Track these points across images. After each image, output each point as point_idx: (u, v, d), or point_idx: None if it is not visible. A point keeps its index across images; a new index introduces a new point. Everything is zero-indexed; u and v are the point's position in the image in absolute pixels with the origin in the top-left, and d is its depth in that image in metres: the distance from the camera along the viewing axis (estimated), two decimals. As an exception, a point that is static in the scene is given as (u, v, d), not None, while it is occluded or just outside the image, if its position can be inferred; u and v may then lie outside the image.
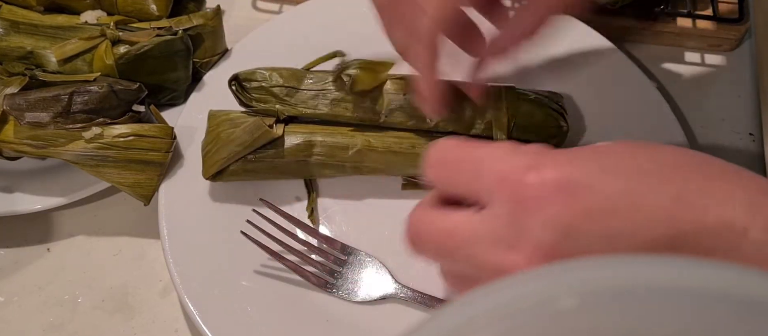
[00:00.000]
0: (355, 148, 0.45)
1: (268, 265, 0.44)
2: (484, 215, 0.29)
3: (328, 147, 0.45)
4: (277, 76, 0.46)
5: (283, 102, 0.46)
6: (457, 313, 0.18)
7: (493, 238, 0.29)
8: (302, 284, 0.43)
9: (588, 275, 0.18)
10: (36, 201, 0.47)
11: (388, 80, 0.46)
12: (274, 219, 0.44)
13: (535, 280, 0.18)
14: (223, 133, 0.45)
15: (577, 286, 0.18)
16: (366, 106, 0.46)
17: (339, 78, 0.45)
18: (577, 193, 0.27)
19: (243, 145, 0.44)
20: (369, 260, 0.44)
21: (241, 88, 0.46)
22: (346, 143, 0.45)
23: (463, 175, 0.31)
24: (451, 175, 0.31)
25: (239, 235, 0.43)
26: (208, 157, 0.45)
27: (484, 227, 0.29)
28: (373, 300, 0.43)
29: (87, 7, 0.51)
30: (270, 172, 0.46)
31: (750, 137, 0.52)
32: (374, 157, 0.45)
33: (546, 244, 0.27)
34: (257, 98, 0.46)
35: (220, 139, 0.45)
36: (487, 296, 0.18)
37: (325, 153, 0.45)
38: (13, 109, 0.44)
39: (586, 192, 0.27)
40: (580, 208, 0.27)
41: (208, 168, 0.45)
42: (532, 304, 0.18)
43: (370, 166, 0.46)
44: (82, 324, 0.45)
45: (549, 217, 0.27)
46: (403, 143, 0.46)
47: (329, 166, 0.46)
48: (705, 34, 0.55)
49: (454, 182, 0.31)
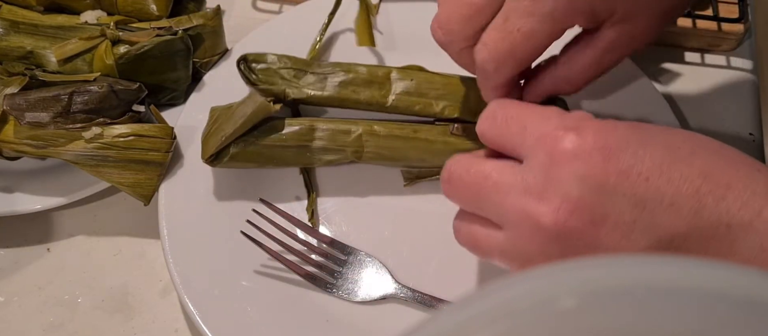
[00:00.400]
0: (357, 132, 0.45)
1: (268, 265, 0.44)
2: (521, 166, 0.31)
3: (330, 131, 0.45)
4: (287, 60, 0.47)
5: (290, 83, 0.46)
6: (457, 313, 0.18)
7: (524, 186, 0.31)
8: (302, 284, 0.43)
9: (588, 275, 0.18)
10: (36, 201, 0.47)
11: (394, 70, 0.46)
12: (274, 219, 0.44)
13: (535, 280, 0.18)
14: (222, 117, 0.45)
15: (577, 286, 0.18)
16: (373, 91, 0.46)
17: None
18: (613, 155, 0.29)
19: (242, 118, 0.44)
20: (369, 260, 0.44)
21: (248, 69, 0.46)
22: (347, 128, 0.45)
23: (509, 131, 0.33)
24: (499, 131, 0.33)
25: (239, 234, 0.43)
26: (207, 139, 0.45)
27: (517, 177, 0.31)
28: (373, 300, 0.43)
29: (87, 7, 0.51)
30: (271, 158, 0.45)
31: (750, 137, 0.52)
32: (376, 141, 0.45)
33: (574, 196, 0.29)
34: (263, 79, 0.46)
35: (218, 123, 0.45)
36: (488, 296, 0.18)
37: (327, 137, 0.45)
38: (13, 109, 0.44)
39: (623, 156, 0.29)
40: (613, 168, 0.29)
41: (207, 149, 0.45)
42: (532, 304, 0.18)
43: (372, 151, 0.46)
44: (82, 324, 0.45)
45: (582, 171, 0.29)
46: (406, 128, 0.45)
47: (330, 151, 0.46)
48: (705, 34, 0.55)
49: (501, 136, 0.33)
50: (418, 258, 0.45)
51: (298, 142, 0.45)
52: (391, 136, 0.45)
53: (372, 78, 0.46)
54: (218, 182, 0.47)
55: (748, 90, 0.55)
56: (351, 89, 0.46)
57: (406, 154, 0.46)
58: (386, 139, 0.45)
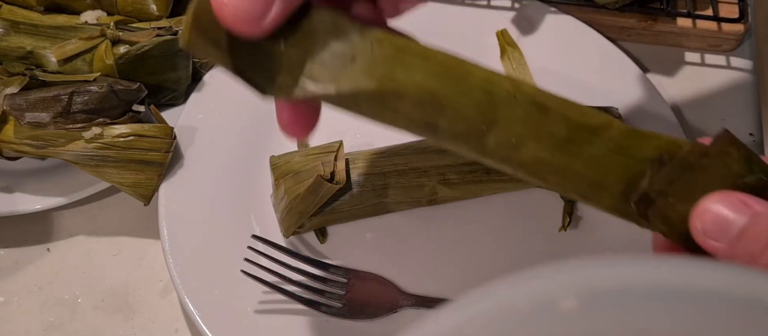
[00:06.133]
0: (430, 185, 0.45)
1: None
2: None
3: (402, 187, 0.45)
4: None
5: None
6: (457, 313, 0.18)
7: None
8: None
9: (588, 275, 0.18)
10: (36, 201, 0.47)
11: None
12: (272, 254, 0.43)
13: (535, 281, 0.18)
14: (289, 190, 0.43)
15: (577, 287, 0.18)
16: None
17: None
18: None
19: (311, 204, 0.43)
20: (371, 277, 0.43)
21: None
22: (419, 182, 0.45)
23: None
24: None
25: (239, 234, 0.43)
26: (284, 221, 0.44)
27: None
28: (385, 315, 0.42)
29: (87, 7, 0.51)
30: (349, 217, 0.45)
31: (750, 137, 0.52)
32: (450, 190, 0.45)
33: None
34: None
35: (287, 199, 0.44)
36: (487, 296, 0.18)
37: (400, 194, 0.45)
38: (13, 109, 0.44)
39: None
40: None
41: (287, 230, 0.44)
42: (532, 304, 0.18)
43: (447, 196, 0.45)
44: (82, 324, 0.45)
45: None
46: (479, 171, 0.45)
47: (404, 203, 0.45)
48: (705, 34, 0.55)
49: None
50: (421, 265, 0.45)
51: (371, 201, 0.45)
52: (464, 183, 0.45)
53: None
54: (218, 182, 0.47)
55: (748, 90, 0.55)
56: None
57: (481, 192, 0.46)
58: (460, 187, 0.45)
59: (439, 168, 0.45)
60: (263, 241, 0.43)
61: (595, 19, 0.55)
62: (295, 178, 0.44)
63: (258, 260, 0.42)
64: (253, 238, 0.43)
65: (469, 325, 0.18)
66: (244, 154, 0.48)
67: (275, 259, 0.42)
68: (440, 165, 0.45)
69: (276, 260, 0.42)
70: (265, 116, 0.50)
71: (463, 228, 0.46)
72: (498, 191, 0.46)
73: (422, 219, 0.46)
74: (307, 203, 0.43)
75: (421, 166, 0.45)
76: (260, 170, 0.48)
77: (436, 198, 0.45)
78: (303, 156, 0.45)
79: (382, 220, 0.46)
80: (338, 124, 0.49)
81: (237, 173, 0.48)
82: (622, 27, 0.56)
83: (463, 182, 0.45)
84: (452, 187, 0.45)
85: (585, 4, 0.54)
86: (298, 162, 0.44)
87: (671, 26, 0.55)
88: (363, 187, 0.45)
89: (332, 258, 0.45)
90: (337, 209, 0.45)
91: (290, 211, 0.43)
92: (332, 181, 0.42)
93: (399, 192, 0.45)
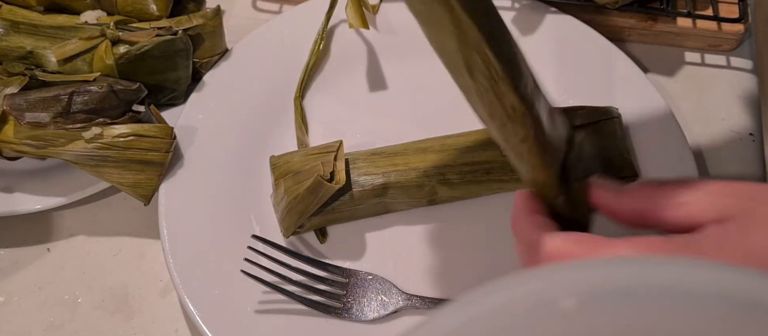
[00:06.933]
0: (430, 185, 0.45)
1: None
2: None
3: (402, 187, 0.45)
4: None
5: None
6: (457, 313, 0.18)
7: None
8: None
9: (588, 275, 0.18)
10: (36, 201, 0.47)
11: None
12: (272, 254, 0.43)
13: (535, 280, 0.18)
14: (289, 190, 0.43)
15: (577, 287, 0.18)
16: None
17: None
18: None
19: (311, 204, 0.43)
20: (371, 278, 0.43)
21: None
22: (420, 182, 0.45)
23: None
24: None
25: (239, 234, 0.43)
26: (284, 221, 0.44)
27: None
28: (385, 316, 0.42)
29: (87, 7, 0.51)
30: (348, 217, 0.45)
31: (750, 137, 0.52)
32: (450, 190, 0.45)
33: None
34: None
35: (287, 199, 0.43)
36: (487, 296, 0.18)
37: (399, 194, 0.45)
38: (13, 109, 0.44)
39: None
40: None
41: (286, 230, 0.44)
42: (532, 304, 0.18)
43: (447, 196, 0.46)
44: (82, 324, 0.45)
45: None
46: (479, 171, 0.45)
47: (404, 202, 0.46)
48: (705, 34, 0.55)
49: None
50: (421, 265, 0.45)
51: (371, 201, 0.45)
52: (464, 183, 0.45)
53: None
54: (218, 182, 0.47)
55: (748, 90, 0.55)
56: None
57: (480, 192, 0.46)
58: (460, 187, 0.45)
59: (439, 168, 0.45)
60: (263, 241, 0.43)
61: (595, 19, 0.55)
62: (294, 178, 0.44)
63: (258, 260, 0.42)
64: (253, 238, 0.43)
65: (469, 325, 0.18)
66: (244, 154, 0.49)
67: (275, 259, 0.43)
68: (440, 165, 0.45)
69: (276, 260, 0.43)
70: (266, 116, 0.50)
71: (463, 228, 0.46)
72: (498, 191, 0.46)
73: (422, 219, 0.46)
74: (306, 203, 0.43)
75: (421, 166, 0.45)
76: (260, 170, 0.48)
77: (436, 198, 0.45)
78: (303, 156, 0.45)
79: (382, 220, 0.46)
80: (338, 124, 0.50)
81: (237, 173, 0.48)
82: (622, 27, 0.56)
83: (463, 182, 0.45)
84: (452, 187, 0.45)
85: (585, 4, 0.54)
86: (298, 162, 0.44)
87: (671, 26, 0.55)
88: (363, 187, 0.45)
89: (332, 258, 0.45)
90: (337, 209, 0.45)
91: (290, 211, 0.43)
92: (332, 181, 0.42)
93: (399, 192, 0.45)
